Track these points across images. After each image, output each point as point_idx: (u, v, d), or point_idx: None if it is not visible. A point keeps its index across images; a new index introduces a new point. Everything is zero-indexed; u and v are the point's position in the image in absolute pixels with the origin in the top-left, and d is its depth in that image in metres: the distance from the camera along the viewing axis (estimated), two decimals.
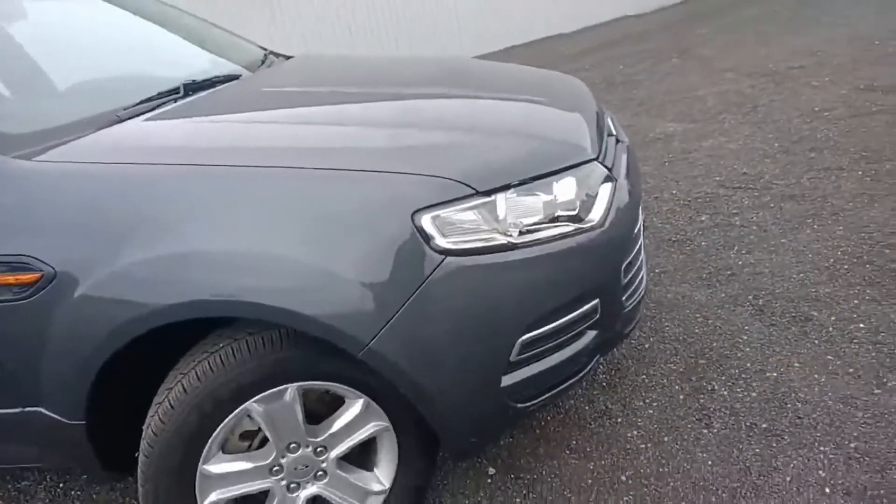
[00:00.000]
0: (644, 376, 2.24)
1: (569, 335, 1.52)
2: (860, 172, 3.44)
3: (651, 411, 2.08)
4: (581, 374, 1.62)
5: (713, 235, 3.12)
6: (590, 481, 1.85)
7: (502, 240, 1.38)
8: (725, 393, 2.10)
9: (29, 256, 1.35)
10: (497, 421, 1.56)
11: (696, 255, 2.97)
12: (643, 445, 1.95)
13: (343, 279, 1.31)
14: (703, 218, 3.31)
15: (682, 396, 2.12)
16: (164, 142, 1.52)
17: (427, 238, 1.33)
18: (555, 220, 1.47)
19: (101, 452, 1.56)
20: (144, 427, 1.46)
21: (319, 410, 1.59)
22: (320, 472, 1.59)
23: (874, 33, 6.12)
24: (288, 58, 2.61)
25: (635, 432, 2.00)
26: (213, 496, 1.49)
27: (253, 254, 1.32)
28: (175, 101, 1.80)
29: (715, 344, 2.34)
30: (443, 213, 1.34)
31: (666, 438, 1.96)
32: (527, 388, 1.49)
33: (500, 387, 1.44)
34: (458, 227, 1.35)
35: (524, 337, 1.42)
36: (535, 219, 1.44)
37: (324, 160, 1.40)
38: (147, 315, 1.34)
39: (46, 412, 1.50)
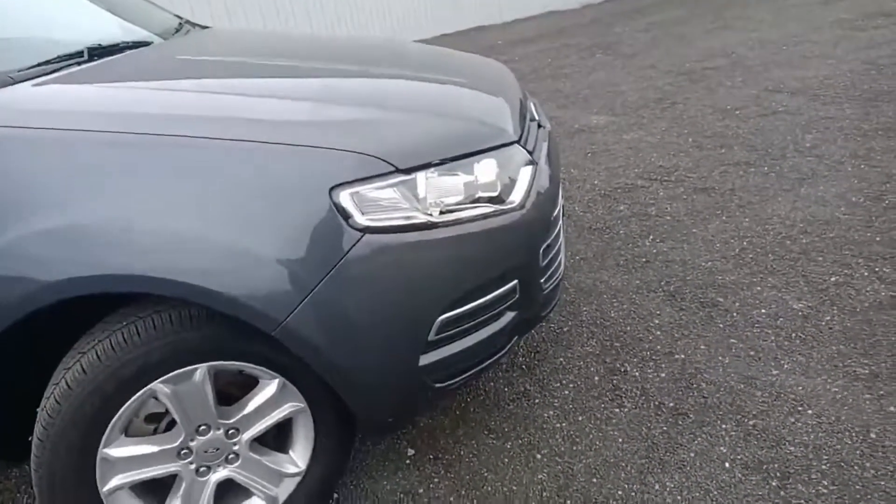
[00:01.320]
0: (561, 359, 2.30)
1: (488, 315, 1.53)
2: (765, 168, 3.64)
3: (567, 392, 2.13)
4: (499, 355, 1.64)
5: (630, 224, 3.22)
6: (506, 460, 1.88)
7: (422, 218, 1.37)
8: (637, 374, 2.18)
9: None
10: (415, 400, 1.56)
11: (614, 243, 3.06)
12: (559, 425, 2.00)
13: (257, 255, 1.27)
14: (621, 207, 3.42)
15: (596, 378, 2.19)
16: (58, 106, 1.41)
17: (345, 215, 1.30)
18: (476, 200, 1.48)
19: None
20: (39, 409, 1.37)
21: (231, 391, 1.54)
22: (232, 455, 1.54)
23: (782, 39, 6.48)
24: (205, 28, 2.49)
25: (551, 412, 2.05)
26: (115, 481, 1.42)
27: (156, 227, 1.25)
28: (78, 64, 1.68)
29: (629, 327, 2.42)
30: (362, 189, 1.32)
31: (580, 418, 2.02)
32: (445, 368, 1.50)
33: (419, 366, 1.44)
34: (378, 205, 1.33)
35: (443, 317, 1.42)
36: (456, 199, 1.44)
37: (239, 131, 1.35)
38: (36, 292, 1.25)
39: None
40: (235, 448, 1.54)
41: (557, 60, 7.13)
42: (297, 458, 1.62)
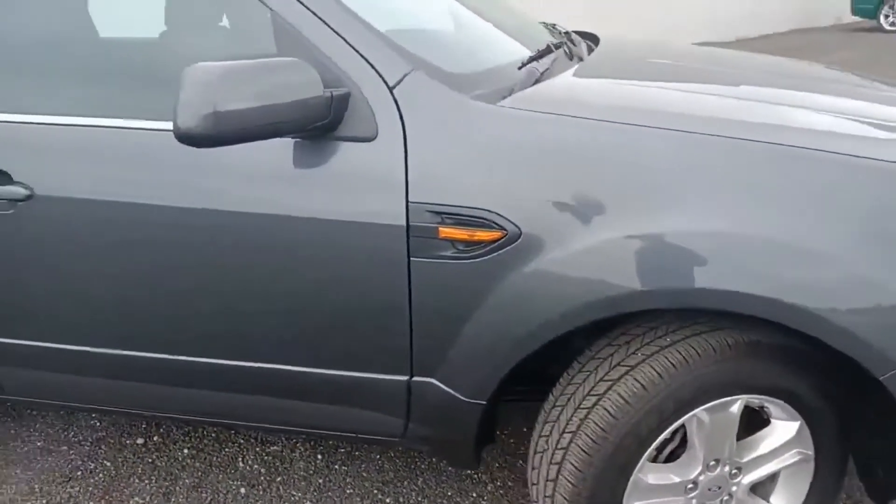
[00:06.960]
0: None
1: None
2: None
3: None
4: None
5: None
6: None
7: None
8: None
9: (492, 212, 1.20)
10: None
11: None
12: None
13: (869, 281, 1.12)
14: None
15: None
16: (620, 101, 1.34)
17: None
18: None
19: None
20: (575, 418, 1.28)
21: None
22: (727, 497, 1.40)
23: None
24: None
25: None
26: None
27: (762, 239, 1.14)
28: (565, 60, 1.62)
29: None
30: None
31: None
32: None
33: None
34: None
35: None
36: None
37: (818, 141, 1.21)
38: (621, 298, 1.17)
39: (440, 385, 1.34)
40: (733, 490, 1.39)
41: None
42: None
